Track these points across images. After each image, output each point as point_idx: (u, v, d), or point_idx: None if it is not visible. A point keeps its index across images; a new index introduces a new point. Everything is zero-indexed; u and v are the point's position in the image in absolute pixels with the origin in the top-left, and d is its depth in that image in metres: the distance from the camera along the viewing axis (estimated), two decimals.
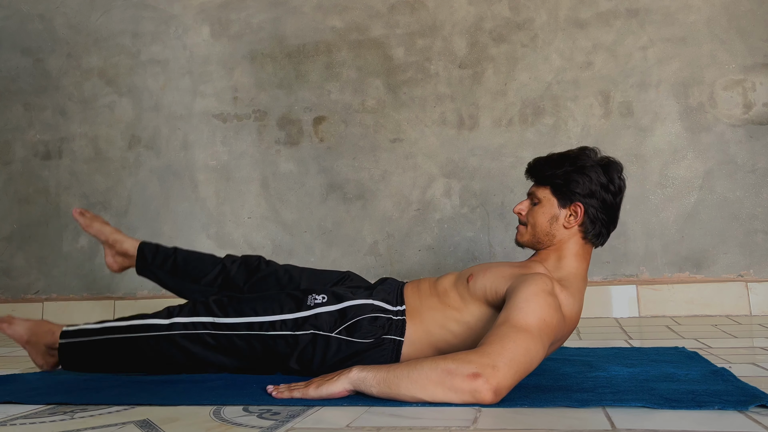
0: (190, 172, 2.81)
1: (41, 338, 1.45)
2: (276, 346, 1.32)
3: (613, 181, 1.34)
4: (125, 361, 1.40)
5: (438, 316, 1.32)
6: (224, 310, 1.36)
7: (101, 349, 1.40)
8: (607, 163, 1.36)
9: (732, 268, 2.34)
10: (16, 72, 3.02)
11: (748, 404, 0.96)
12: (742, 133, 2.37)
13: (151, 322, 1.37)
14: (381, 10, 2.69)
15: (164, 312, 1.39)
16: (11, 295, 2.94)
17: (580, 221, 1.33)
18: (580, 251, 1.35)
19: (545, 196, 1.36)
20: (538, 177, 1.39)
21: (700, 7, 2.43)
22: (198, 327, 1.35)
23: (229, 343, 1.33)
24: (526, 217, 1.38)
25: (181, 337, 1.34)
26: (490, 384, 0.98)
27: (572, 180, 1.33)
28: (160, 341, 1.35)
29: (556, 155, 1.39)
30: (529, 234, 1.37)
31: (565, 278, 1.30)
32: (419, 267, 2.57)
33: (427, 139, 2.60)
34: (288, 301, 1.36)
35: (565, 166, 1.34)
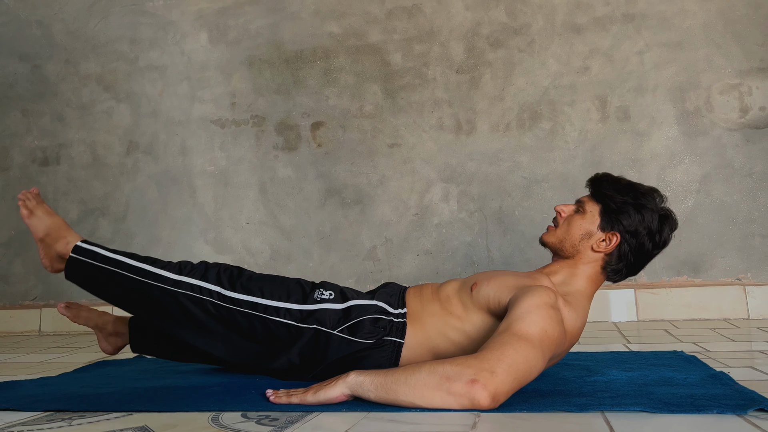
0: (188, 177, 2.81)
1: (55, 242, 1.44)
2: (277, 332, 1.32)
3: (662, 232, 1.32)
4: (125, 299, 1.41)
5: (438, 322, 1.32)
6: (232, 283, 1.36)
7: (106, 279, 1.39)
8: (666, 215, 1.34)
9: (730, 272, 2.35)
10: (14, 78, 3.02)
11: (747, 408, 0.96)
12: (738, 137, 2.37)
13: (160, 272, 1.37)
14: (378, 16, 2.69)
15: (176, 266, 1.39)
16: (9, 302, 2.93)
17: (610, 251, 1.32)
18: (593, 277, 1.34)
19: (592, 211, 1.34)
20: (596, 191, 1.36)
21: (696, 12, 2.44)
22: (204, 293, 1.35)
23: (230, 317, 1.34)
24: (563, 219, 1.36)
25: (185, 297, 1.34)
26: (488, 390, 0.98)
27: (625, 211, 1.30)
28: (164, 294, 1.35)
29: (626, 182, 1.36)
30: (557, 237, 1.35)
31: (571, 294, 1.30)
32: (417, 272, 2.57)
33: (424, 144, 2.61)
34: (296, 289, 1.37)
35: (627, 195, 1.32)
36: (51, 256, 1.46)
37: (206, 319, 1.35)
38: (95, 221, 2.87)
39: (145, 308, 1.40)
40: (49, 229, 1.46)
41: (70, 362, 1.88)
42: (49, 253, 1.46)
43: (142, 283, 1.36)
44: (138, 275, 1.37)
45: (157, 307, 1.37)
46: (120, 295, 1.41)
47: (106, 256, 1.40)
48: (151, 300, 1.37)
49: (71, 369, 1.71)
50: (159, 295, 1.35)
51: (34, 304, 2.90)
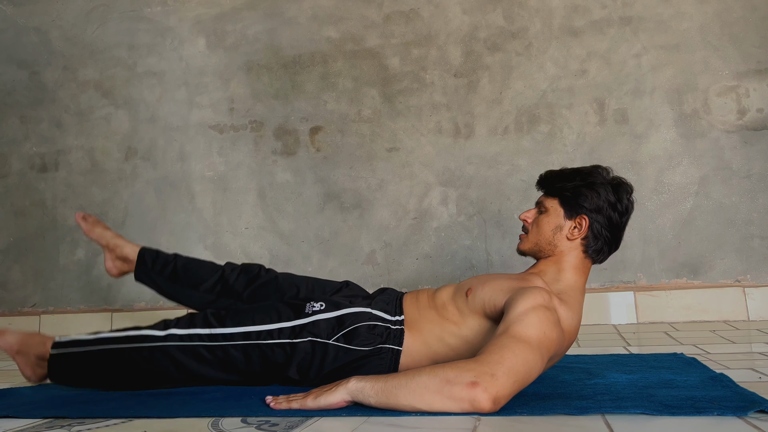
0: (187, 183, 2.81)
1: (32, 349, 1.42)
2: (274, 356, 1.31)
3: (621, 200, 1.35)
4: (116, 374, 1.36)
5: (436, 329, 1.32)
6: (221, 321, 1.35)
7: (92, 361, 1.36)
8: (618, 183, 1.37)
9: (729, 274, 2.35)
10: (12, 85, 3.02)
11: (747, 410, 0.96)
12: (736, 139, 2.38)
13: (146, 333, 1.35)
14: (376, 21, 2.70)
15: (161, 324, 1.37)
16: (8, 309, 2.93)
17: (584, 234, 1.34)
18: (579, 265, 1.35)
19: (552, 206, 1.37)
20: (548, 188, 1.41)
21: (693, 14, 2.44)
22: (194, 339, 1.33)
23: (225, 355, 1.32)
24: (530, 224, 1.40)
25: (175, 349, 1.32)
26: (489, 393, 0.98)
27: (581, 194, 1.34)
28: (154, 353, 1.32)
29: (569, 170, 1.41)
30: (531, 242, 1.38)
31: (564, 291, 1.30)
32: (417, 276, 2.57)
33: (423, 148, 2.61)
34: (286, 309, 1.36)
35: (576, 180, 1.36)
36: (31, 363, 1.43)
37: (200, 368, 1.32)
38: None
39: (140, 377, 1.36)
40: (22, 339, 1.44)
41: None
42: (29, 362, 1.43)
43: (131, 350, 1.33)
44: (124, 343, 1.34)
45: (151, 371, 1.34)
46: (113, 373, 1.36)
47: (86, 339, 1.38)
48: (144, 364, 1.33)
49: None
50: (149, 355, 1.32)
51: (33, 310, 2.89)
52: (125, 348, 1.34)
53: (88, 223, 1.68)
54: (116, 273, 1.69)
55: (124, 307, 2.80)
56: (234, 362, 1.32)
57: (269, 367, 1.32)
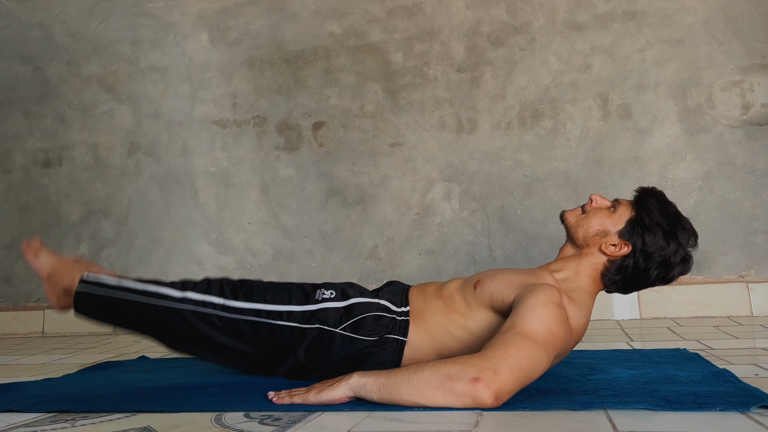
0: (190, 178, 2.81)
1: (61, 279, 1.46)
2: (282, 336, 1.33)
3: (674, 269, 1.31)
4: (134, 322, 1.42)
5: (441, 319, 1.32)
6: (235, 293, 1.37)
7: (113, 306, 1.41)
8: (687, 258, 1.32)
9: (732, 269, 2.34)
10: (16, 80, 3.02)
11: (750, 405, 0.96)
12: (740, 134, 2.37)
13: (164, 291, 1.39)
14: (379, 15, 2.69)
15: (179, 284, 1.41)
16: (12, 303, 2.94)
17: (614, 258, 1.31)
18: (594, 277, 1.34)
19: (622, 214, 1.33)
20: (640, 200, 1.34)
21: (697, 8, 2.43)
22: (208, 306, 1.36)
23: (235, 327, 1.35)
24: (592, 208, 1.36)
25: (190, 313, 1.36)
26: (491, 389, 0.98)
27: (654, 232, 1.29)
28: (170, 313, 1.37)
29: (675, 210, 1.33)
30: (577, 221, 1.35)
31: (575, 291, 1.29)
32: (419, 271, 2.57)
33: (426, 144, 2.61)
34: (298, 292, 1.38)
35: (668, 220, 1.30)
36: (57, 292, 1.47)
37: (212, 333, 1.36)
38: (97, 223, 2.87)
39: (154, 329, 1.41)
40: (54, 267, 1.49)
41: (73, 363, 1.89)
42: (55, 290, 1.47)
43: (148, 305, 1.38)
44: (143, 297, 1.39)
45: (164, 327, 1.39)
46: (129, 319, 1.42)
47: (110, 284, 1.42)
48: (158, 320, 1.38)
49: (74, 370, 1.72)
50: (165, 313, 1.37)
51: (37, 305, 2.90)
52: (143, 302, 1.38)
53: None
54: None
55: None
56: (244, 334, 1.35)
57: (277, 345, 1.34)
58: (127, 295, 1.40)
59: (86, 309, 1.45)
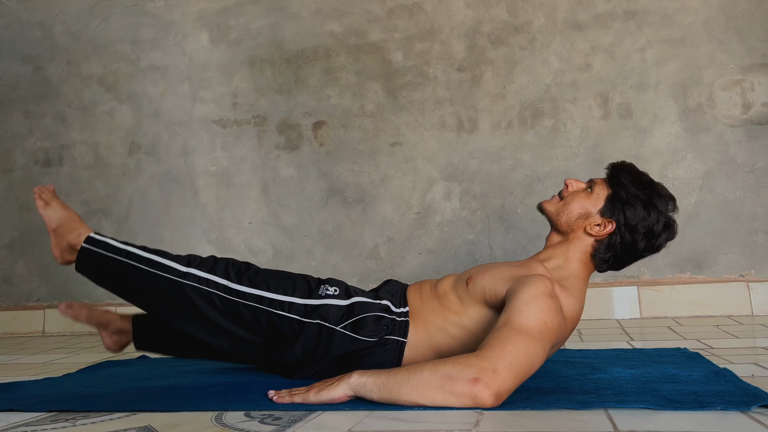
0: (191, 177, 2.81)
1: (67, 233, 1.46)
2: (281, 327, 1.32)
3: (659, 236, 1.31)
4: (133, 289, 1.41)
5: (438, 319, 1.32)
6: (239, 277, 1.36)
7: (115, 270, 1.40)
8: (670, 223, 1.32)
9: (733, 269, 2.34)
10: (16, 80, 3.02)
11: (751, 405, 0.96)
12: (741, 133, 2.37)
13: (169, 263, 1.37)
14: (379, 15, 2.69)
15: (185, 259, 1.39)
16: (12, 303, 2.94)
17: (600, 237, 1.31)
18: (584, 261, 1.34)
19: (599, 194, 1.33)
20: (613, 176, 1.34)
21: (698, 8, 2.43)
22: (210, 285, 1.35)
23: (235, 310, 1.34)
24: (569, 192, 1.36)
25: (191, 289, 1.34)
26: (491, 388, 0.98)
27: (633, 204, 1.29)
28: (171, 286, 1.35)
29: (648, 178, 1.34)
30: (557, 208, 1.35)
31: (566, 278, 1.30)
32: (420, 270, 2.57)
33: (426, 143, 2.61)
34: (302, 284, 1.37)
35: (643, 190, 1.31)
36: (62, 246, 1.47)
37: (211, 313, 1.34)
38: (98, 222, 2.87)
39: (152, 300, 1.40)
40: (63, 220, 1.48)
41: (73, 363, 1.89)
42: (60, 243, 1.47)
43: (150, 274, 1.36)
44: (147, 266, 1.37)
45: (163, 299, 1.37)
46: (128, 286, 1.41)
47: (116, 246, 1.41)
48: (158, 291, 1.37)
49: (75, 369, 1.72)
50: (166, 286, 1.35)
51: (38, 305, 2.91)
52: (146, 270, 1.37)
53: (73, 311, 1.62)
54: (117, 348, 1.66)
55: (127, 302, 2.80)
56: (243, 319, 1.34)
57: (275, 335, 1.33)
58: (131, 260, 1.38)
59: (87, 267, 1.43)
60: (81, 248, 1.43)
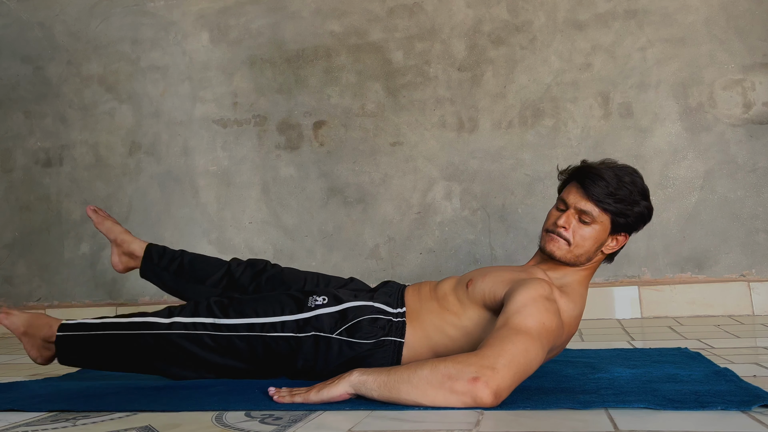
0: (191, 177, 2.81)
1: (38, 330, 1.43)
2: (278, 348, 1.31)
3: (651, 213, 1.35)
4: (123, 357, 1.37)
5: (436, 320, 1.32)
6: (225, 311, 1.34)
7: (99, 345, 1.37)
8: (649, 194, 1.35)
9: (734, 268, 2.34)
10: (17, 80, 3.02)
11: (752, 404, 0.96)
12: (742, 132, 2.36)
13: (151, 320, 1.35)
14: (380, 14, 2.69)
15: (165, 311, 1.38)
16: (13, 303, 2.94)
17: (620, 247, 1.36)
18: (593, 268, 1.37)
19: (603, 222, 1.30)
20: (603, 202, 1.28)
21: (699, 7, 2.43)
22: (198, 327, 1.33)
23: (229, 344, 1.32)
24: (570, 233, 1.30)
25: (180, 337, 1.32)
26: (490, 387, 0.98)
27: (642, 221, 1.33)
28: (160, 340, 1.33)
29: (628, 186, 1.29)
30: (573, 254, 1.31)
31: (568, 285, 1.30)
32: (420, 270, 2.56)
33: (427, 143, 2.60)
34: (289, 302, 1.35)
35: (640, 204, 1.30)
36: (37, 345, 1.43)
37: (206, 354, 1.33)
38: None
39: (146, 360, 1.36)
40: (30, 321, 1.44)
41: None
42: (35, 343, 1.43)
43: (136, 336, 1.34)
44: (130, 329, 1.35)
45: (156, 355, 1.34)
46: (118, 356, 1.37)
47: (92, 323, 1.38)
48: (149, 350, 1.34)
49: (75, 369, 1.71)
50: (154, 342, 1.33)
51: (38, 305, 2.91)
52: (131, 334, 1.35)
53: (99, 216, 1.69)
54: (122, 268, 1.69)
55: (128, 301, 2.81)
56: (238, 351, 1.33)
57: (274, 358, 1.32)
58: (112, 331, 1.36)
59: (70, 355, 1.40)
60: (57, 338, 1.39)
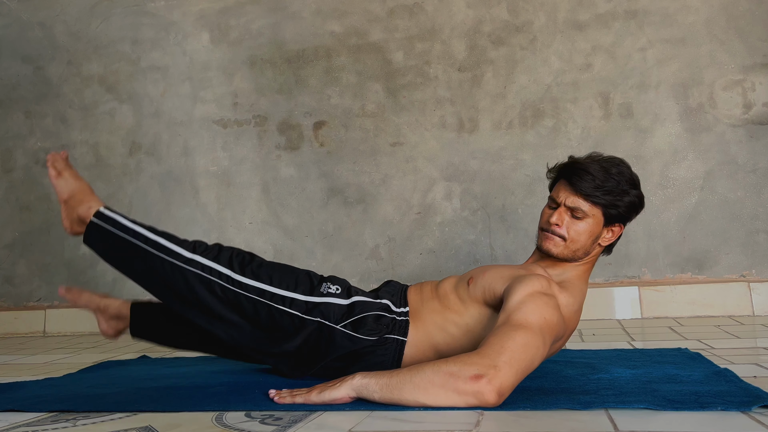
0: (191, 177, 2.81)
1: (78, 205, 1.46)
2: (281, 321, 1.32)
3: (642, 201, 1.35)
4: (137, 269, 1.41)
5: (438, 319, 1.33)
6: (243, 268, 1.36)
7: (121, 247, 1.40)
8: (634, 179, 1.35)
9: (734, 269, 2.34)
10: (17, 80, 3.02)
11: (752, 405, 0.96)
12: (742, 133, 2.36)
13: (174, 248, 1.37)
14: (380, 15, 2.69)
15: (191, 245, 1.39)
16: (13, 303, 2.94)
17: (616, 238, 1.35)
18: (592, 261, 1.37)
19: (595, 215, 1.31)
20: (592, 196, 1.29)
21: (699, 7, 2.43)
22: (213, 274, 1.34)
23: (236, 300, 1.33)
24: (564, 230, 1.31)
25: (194, 275, 1.34)
26: (493, 384, 0.99)
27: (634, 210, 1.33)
28: (175, 270, 1.35)
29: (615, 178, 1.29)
30: (570, 250, 1.32)
31: (567, 281, 1.31)
32: (421, 270, 2.56)
33: (427, 143, 2.60)
34: (304, 280, 1.37)
35: (629, 195, 1.30)
36: (72, 218, 1.47)
37: (211, 300, 1.34)
38: None
39: (154, 282, 1.40)
40: (74, 191, 1.48)
41: (74, 363, 1.89)
42: (70, 215, 1.47)
43: (155, 257, 1.36)
44: (153, 248, 1.37)
45: (165, 283, 1.37)
46: (132, 265, 1.41)
47: (125, 225, 1.41)
48: (161, 274, 1.36)
49: (76, 370, 1.72)
50: (170, 270, 1.35)
51: (39, 305, 2.91)
52: (152, 252, 1.37)
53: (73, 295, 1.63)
54: (113, 333, 1.65)
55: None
56: (243, 309, 1.34)
57: (274, 328, 1.33)
58: (138, 241, 1.39)
59: (95, 242, 1.44)
60: (90, 222, 1.43)
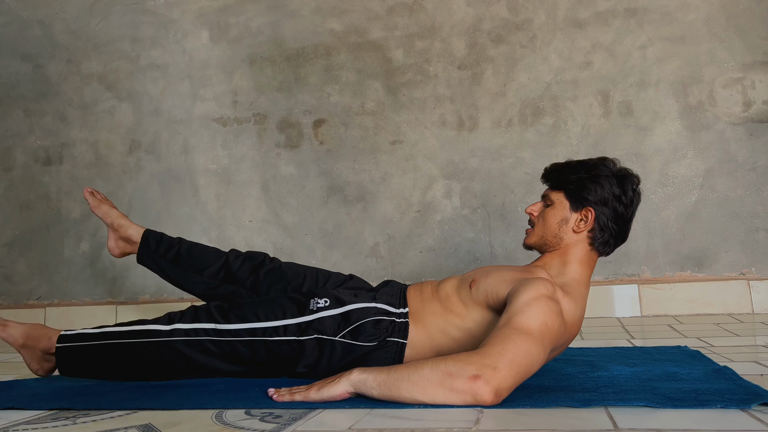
0: (191, 176, 2.81)
1: (37, 342, 1.42)
2: (281, 352, 1.31)
3: (626, 192, 1.34)
4: (124, 366, 1.37)
5: (439, 321, 1.32)
6: (226, 316, 1.34)
7: (100, 355, 1.37)
8: (624, 175, 1.35)
9: (734, 267, 2.34)
10: (16, 78, 3.02)
11: (751, 403, 0.96)
12: (742, 131, 2.36)
13: (151, 327, 1.35)
14: (379, 13, 2.69)
15: (165, 318, 1.37)
16: (13, 301, 2.94)
17: (590, 227, 1.33)
18: (585, 258, 1.34)
19: (558, 199, 1.36)
20: (553, 180, 1.39)
21: (699, 5, 2.43)
22: (199, 333, 1.33)
23: (231, 350, 1.32)
24: (537, 218, 1.39)
25: (182, 343, 1.32)
26: (491, 385, 0.98)
27: (585, 186, 1.33)
28: (161, 347, 1.33)
29: (575, 162, 1.39)
30: (537, 235, 1.37)
31: (568, 284, 1.30)
32: (420, 268, 2.57)
33: (426, 141, 2.60)
34: (290, 305, 1.35)
35: (580, 172, 1.35)
36: (37, 357, 1.43)
37: (208, 360, 1.33)
38: (98, 221, 2.87)
39: (148, 369, 1.37)
40: (28, 332, 1.44)
41: None
42: (35, 355, 1.43)
43: (137, 345, 1.34)
44: (130, 338, 1.35)
45: (158, 364, 1.35)
46: (120, 365, 1.37)
47: (92, 333, 1.38)
48: (150, 358, 1.34)
49: None
50: (156, 349, 1.33)
51: (38, 303, 2.91)
52: (131, 342, 1.34)
53: (95, 199, 1.67)
54: (118, 253, 1.68)
55: (128, 299, 2.81)
56: (241, 356, 1.32)
57: (277, 361, 1.32)
58: (113, 340, 1.35)
59: (71, 366, 1.40)
60: (57, 350, 1.39)
